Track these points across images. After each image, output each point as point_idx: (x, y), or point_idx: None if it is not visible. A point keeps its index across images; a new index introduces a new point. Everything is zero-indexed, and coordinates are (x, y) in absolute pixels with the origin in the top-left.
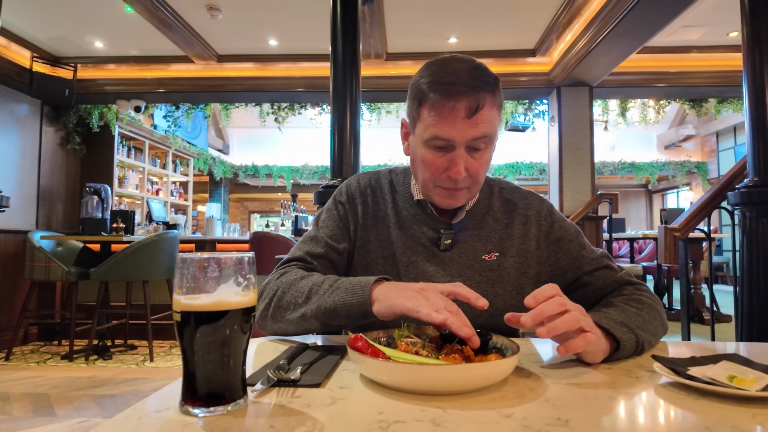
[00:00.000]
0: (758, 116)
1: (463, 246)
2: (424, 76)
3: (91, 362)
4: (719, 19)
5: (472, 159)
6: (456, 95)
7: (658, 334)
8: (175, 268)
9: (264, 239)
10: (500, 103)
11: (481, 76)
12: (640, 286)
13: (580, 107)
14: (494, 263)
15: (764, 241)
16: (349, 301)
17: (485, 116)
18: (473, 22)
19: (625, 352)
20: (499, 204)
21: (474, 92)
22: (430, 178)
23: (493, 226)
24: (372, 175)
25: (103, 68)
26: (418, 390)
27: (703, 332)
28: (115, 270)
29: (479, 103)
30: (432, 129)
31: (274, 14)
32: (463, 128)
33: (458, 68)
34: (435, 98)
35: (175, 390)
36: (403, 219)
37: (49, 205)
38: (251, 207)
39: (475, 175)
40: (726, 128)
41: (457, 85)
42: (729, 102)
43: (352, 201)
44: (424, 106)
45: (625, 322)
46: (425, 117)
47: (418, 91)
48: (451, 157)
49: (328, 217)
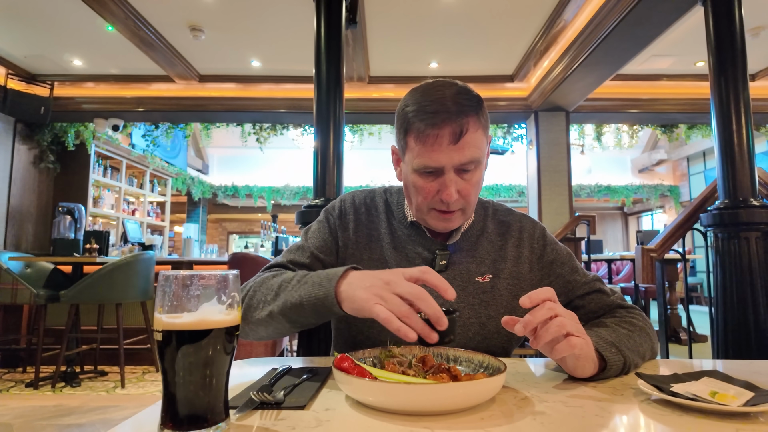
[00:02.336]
0: (726, 142)
1: (457, 267)
2: (409, 104)
3: (58, 390)
4: (686, 50)
5: (462, 181)
6: (440, 123)
7: (646, 356)
8: (157, 286)
9: (243, 260)
10: (485, 123)
11: (463, 100)
12: (632, 309)
13: (557, 131)
14: (487, 285)
15: (736, 261)
16: (315, 294)
17: (470, 140)
18: (454, 48)
19: (611, 372)
20: (493, 226)
21: (457, 118)
22: (423, 202)
23: (487, 248)
24: (367, 194)
25: (81, 86)
26: (405, 410)
27: (680, 352)
28: (87, 292)
29: (462, 128)
30: (419, 159)
31: (257, 36)
32: (449, 154)
33: (442, 95)
34: (420, 127)
35: (148, 416)
36: (397, 239)
37: (19, 225)
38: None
39: (466, 196)
40: (696, 153)
41: (440, 113)
42: (698, 128)
43: (345, 217)
44: (410, 135)
45: (614, 343)
46: (412, 146)
47: (404, 120)
48: (441, 181)
49: (318, 229)
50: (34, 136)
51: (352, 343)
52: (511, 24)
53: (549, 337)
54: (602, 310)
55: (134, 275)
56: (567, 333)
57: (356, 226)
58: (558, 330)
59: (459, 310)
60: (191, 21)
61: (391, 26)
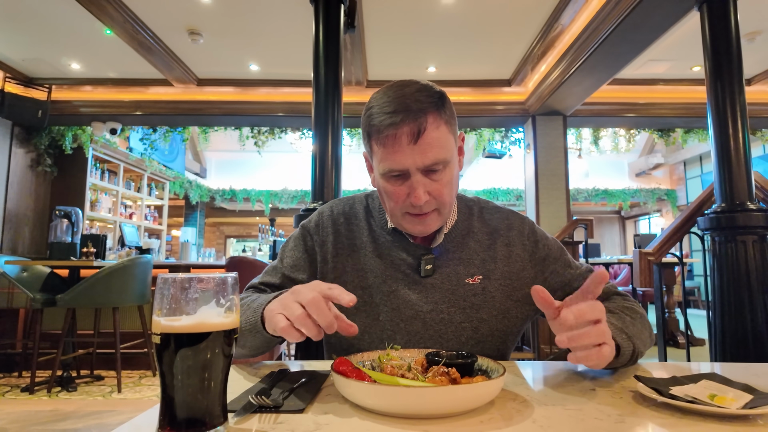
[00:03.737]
0: (723, 146)
1: (445, 270)
2: (372, 106)
3: (54, 394)
4: (683, 55)
5: (431, 182)
6: (398, 123)
7: (647, 344)
8: (155, 288)
9: (240, 264)
10: (449, 118)
11: (422, 97)
12: (628, 297)
13: (554, 135)
14: (478, 287)
15: (733, 265)
16: (249, 319)
17: (431, 139)
18: (451, 52)
19: (623, 359)
20: (479, 225)
21: (414, 117)
22: (395, 207)
23: (474, 248)
24: (347, 202)
25: (79, 90)
26: (404, 413)
27: (678, 355)
28: (84, 296)
29: (420, 127)
30: (384, 163)
31: (255, 40)
32: (411, 155)
33: (401, 93)
34: (380, 128)
35: (145, 421)
36: (381, 246)
37: (16, 228)
38: (228, 231)
39: (439, 196)
40: (692, 157)
41: (398, 113)
42: (695, 132)
43: (323, 230)
44: (373, 139)
45: (624, 330)
46: (376, 150)
47: (366, 123)
48: (409, 184)
49: (293, 247)
50: (31, 139)
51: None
52: (509, 28)
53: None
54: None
55: (131, 279)
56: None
57: (335, 238)
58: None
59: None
60: (190, 25)
61: (389, 30)
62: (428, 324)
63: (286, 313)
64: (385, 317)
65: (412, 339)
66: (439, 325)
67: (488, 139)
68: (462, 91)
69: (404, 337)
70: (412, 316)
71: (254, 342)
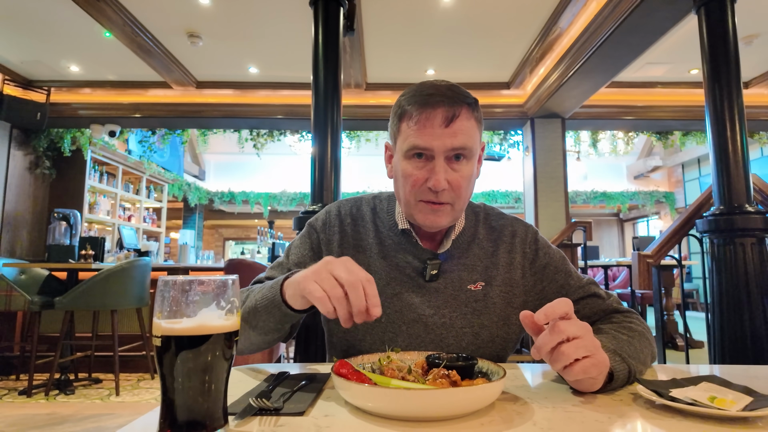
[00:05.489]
0: (721, 148)
1: (449, 276)
2: (405, 95)
3: (52, 398)
4: (681, 58)
5: (452, 171)
6: (433, 104)
7: (647, 362)
8: (156, 291)
9: (239, 266)
10: (479, 119)
11: (459, 90)
12: (629, 313)
13: (553, 138)
14: (480, 293)
15: (732, 267)
16: (266, 296)
17: (463, 126)
18: (450, 55)
19: (617, 383)
20: (484, 232)
21: (451, 102)
22: (411, 191)
23: (478, 254)
24: (354, 203)
25: (77, 92)
26: (404, 416)
27: (677, 358)
28: (83, 299)
29: (455, 112)
30: (411, 139)
31: (254, 43)
32: (440, 136)
33: (436, 84)
34: (413, 109)
35: (143, 424)
36: (386, 248)
37: (14, 231)
38: (226, 234)
39: (457, 188)
40: (691, 160)
41: (434, 96)
42: (693, 135)
43: (329, 229)
44: (404, 120)
45: (617, 351)
46: (404, 130)
47: (398, 108)
48: (431, 167)
49: (299, 244)
50: (30, 141)
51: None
52: (508, 32)
53: (560, 366)
54: (597, 315)
55: (130, 282)
56: (579, 358)
57: (341, 237)
58: (567, 359)
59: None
60: (189, 28)
61: (388, 33)
62: (430, 328)
63: (322, 285)
64: (387, 319)
65: (413, 342)
66: (440, 330)
67: (487, 141)
68: None
69: (405, 339)
70: (414, 319)
71: (267, 322)
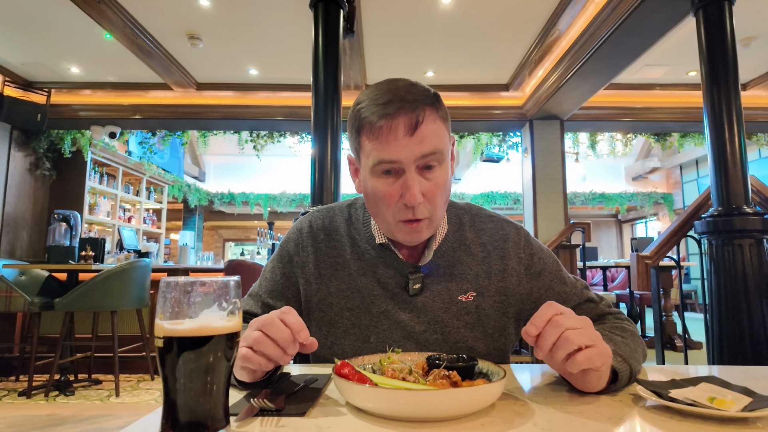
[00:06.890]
0: (719, 150)
1: (435, 288)
2: (361, 102)
3: (51, 399)
4: (679, 60)
5: (426, 181)
6: (393, 113)
7: (641, 361)
8: (158, 292)
9: (239, 267)
10: (444, 115)
11: (416, 91)
12: (619, 314)
13: (551, 139)
14: (471, 305)
15: (730, 268)
16: None
17: (429, 130)
18: (450, 57)
19: (621, 383)
20: (472, 236)
21: (412, 107)
22: (388, 211)
23: (467, 261)
24: (326, 214)
25: (78, 93)
26: (405, 416)
27: (675, 359)
28: (82, 300)
29: (418, 117)
30: (375, 154)
31: (254, 44)
32: (407, 146)
33: (394, 86)
34: (372, 120)
35: (143, 426)
36: (365, 263)
37: (14, 232)
38: (226, 235)
39: (432, 199)
40: (689, 161)
41: (393, 103)
42: (691, 136)
43: (302, 250)
44: (363, 134)
45: (617, 351)
46: (366, 144)
47: (355, 119)
48: (402, 181)
49: (271, 269)
50: (30, 143)
51: None
52: (507, 34)
53: (563, 353)
54: (592, 319)
55: (130, 283)
56: (578, 348)
57: (317, 257)
58: (571, 345)
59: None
60: (189, 29)
61: (388, 35)
62: (422, 345)
63: (245, 343)
64: (376, 339)
65: None
66: (433, 347)
67: (486, 143)
68: (460, 96)
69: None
70: (404, 337)
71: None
